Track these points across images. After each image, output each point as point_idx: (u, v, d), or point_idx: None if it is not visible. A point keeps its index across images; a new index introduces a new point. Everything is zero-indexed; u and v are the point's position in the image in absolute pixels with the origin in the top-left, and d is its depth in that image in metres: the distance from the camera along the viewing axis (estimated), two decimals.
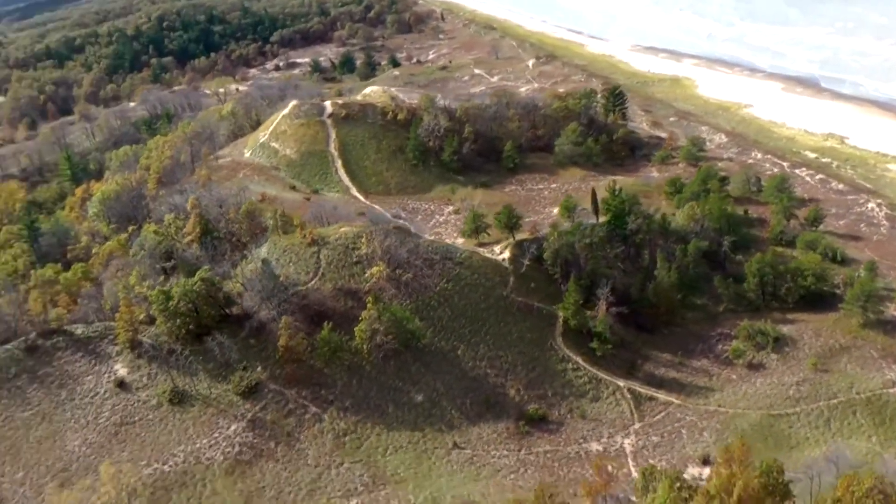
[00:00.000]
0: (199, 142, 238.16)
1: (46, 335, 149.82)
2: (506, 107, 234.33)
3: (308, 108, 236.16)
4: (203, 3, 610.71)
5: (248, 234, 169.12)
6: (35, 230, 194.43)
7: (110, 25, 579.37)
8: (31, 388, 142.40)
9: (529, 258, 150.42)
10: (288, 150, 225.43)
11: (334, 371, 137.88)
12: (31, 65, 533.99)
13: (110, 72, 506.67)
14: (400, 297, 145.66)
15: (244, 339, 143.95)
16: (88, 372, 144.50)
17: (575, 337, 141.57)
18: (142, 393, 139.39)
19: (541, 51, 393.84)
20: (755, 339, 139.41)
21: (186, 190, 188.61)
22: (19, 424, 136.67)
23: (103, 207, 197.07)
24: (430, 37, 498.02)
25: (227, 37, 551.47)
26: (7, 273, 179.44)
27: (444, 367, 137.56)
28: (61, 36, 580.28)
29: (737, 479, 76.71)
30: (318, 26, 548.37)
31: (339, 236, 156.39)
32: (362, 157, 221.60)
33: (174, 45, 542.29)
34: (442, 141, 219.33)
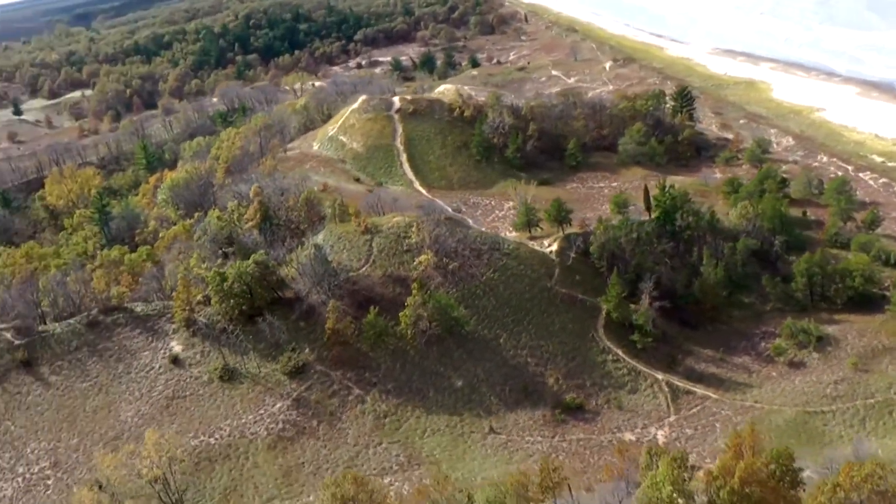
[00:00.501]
0: (270, 134, 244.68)
1: (108, 311, 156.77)
2: (572, 106, 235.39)
3: (377, 103, 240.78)
4: (289, 2, 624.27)
5: (307, 221, 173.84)
6: (106, 214, 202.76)
7: (198, 23, 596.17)
8: (90, 360, 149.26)
9: (576, 251, 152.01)
10: (355, 144, 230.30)
11: (379, 355, 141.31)
12: (120, 60, 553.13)
13: (196, 68, 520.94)
14: (446, 284, 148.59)
15: (294, 322, 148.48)
16: (145, 348, 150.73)
17: (617, 329, 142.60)
18: (194, 369, 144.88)
19: (619, 53, 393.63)
20: (797, 337, 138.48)
21: (252, 179, 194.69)
22: (77, 394, 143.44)
23: (172, 194, 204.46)
24: (512, 38, 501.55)
25: (312, 35, 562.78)
26: (77, 253, 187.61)
27: (485, 354, 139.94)
28: (150, 33, 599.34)
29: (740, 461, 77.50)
30: (401, 26, 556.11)
31: (391, 225, 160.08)
32: (427, 151, 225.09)
33: (259, 42, 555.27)
34: (506, 138, 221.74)
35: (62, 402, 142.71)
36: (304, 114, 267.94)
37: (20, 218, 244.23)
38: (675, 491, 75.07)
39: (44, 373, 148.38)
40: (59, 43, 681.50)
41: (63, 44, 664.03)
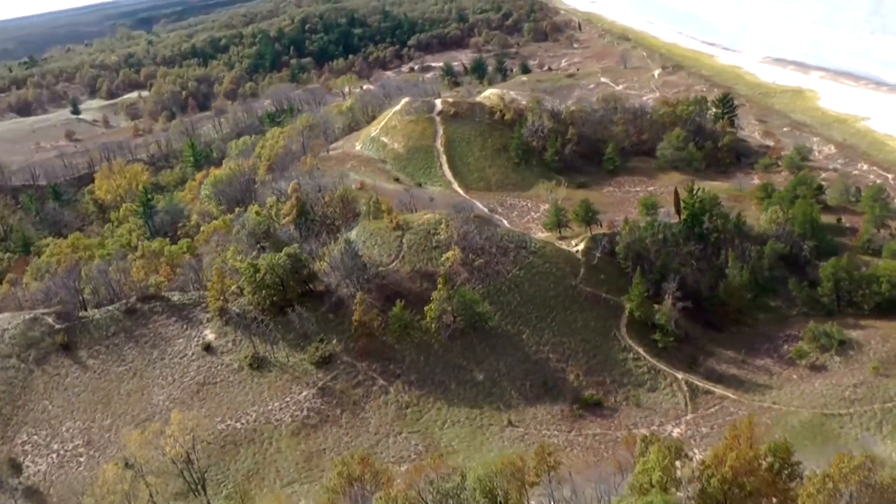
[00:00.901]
0: (314, 134, 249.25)
1: (145, 299, 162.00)
2: (612, 111, 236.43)
3: (419, 105, 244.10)
4: (345, 7, 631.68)
5: (342, 217, 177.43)
6: (150, 208, 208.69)
7: (255, 27, 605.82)
8: (126, 346, 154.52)
9: (602, 251, 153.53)
10: (396, 145, 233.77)
11: (404, 347, 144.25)
12: (178, 62, 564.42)
13: (251, 71, 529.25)
14: (472, 280, 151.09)
15: (324, 314, 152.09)
16: (180, 335, 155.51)
17: (639, 328, 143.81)
18: (226, 357, 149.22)
19: (669, 61, 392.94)
20: (820, 341, 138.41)
21: (291, 176, 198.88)
22: (113, 378, 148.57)
23: (214, 190, 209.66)
24: (565, 45, 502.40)
25: (366, 39, 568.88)
26: (121, 245, 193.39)
27: (508, 349, 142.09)
28: (207, 36, 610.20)
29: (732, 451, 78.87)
30: (455, 32, 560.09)
31: (422, 222, 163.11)
32: (467, 153, 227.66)
33: (314, 46, 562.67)
34: (545, 141, 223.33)
35: (98, 385, 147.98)
36: (349, 115, 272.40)
37: (70, 211, 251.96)
38: (664, 477, 76.58)
39: (82, 356, 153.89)
40: (119, 45, 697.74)
41: (123, 46, 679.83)
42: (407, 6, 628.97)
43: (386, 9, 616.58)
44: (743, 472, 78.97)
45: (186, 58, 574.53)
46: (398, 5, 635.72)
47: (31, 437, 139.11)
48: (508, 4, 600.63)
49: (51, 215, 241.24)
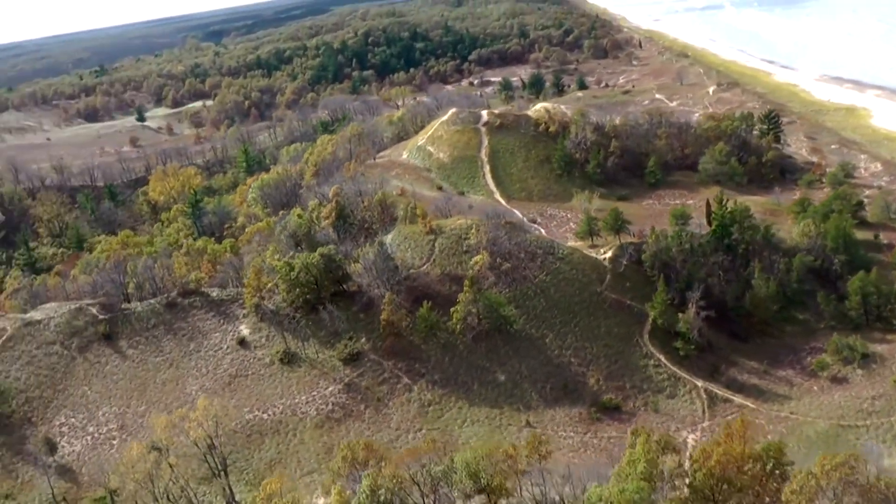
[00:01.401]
0: (362, 142, 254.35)
1: (185, 294, 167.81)
2: (657, 125, 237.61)
3: (465, 115, 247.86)
4: (408, 21, 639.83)
5: (379, 221, 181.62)
6: (199, 209, 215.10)
7: (319, 39, 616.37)
8: (165, 338, 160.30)
9: (628, 259, 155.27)
10: (441, 154, 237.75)
11: (430, 347, 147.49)
12: (242, 73, 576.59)
13: (313, 82, 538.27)
14: (499, 284, 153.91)
15: (354, 313, 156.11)
16: (216, 329, 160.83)
17: (662, 336, 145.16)
18: (258, 351, 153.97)
19: (724, 78, 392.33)
20: (842, 353, 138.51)
21: (335, 181, 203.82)
22: (150, 367, 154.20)
23: (261, 193, 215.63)
24: (624, 63, 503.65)
25: (428, 53, 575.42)
26: (168, 243, 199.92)
27: (531, 352, 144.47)
28: (272, 48, 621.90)
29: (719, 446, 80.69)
30: (515, 47, 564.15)
31: (454, 227, 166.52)
32: (510, 164, 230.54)
33: (377, 59, 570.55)
34: (588, 153, 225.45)
35: (135, 373, 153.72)
36: (399, 125, 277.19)
37: (124, 211, 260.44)
38: (648, 468, 78.61)
39: (122, 346, 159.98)
40: (186, 56, 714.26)
41: (190, 57, 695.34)
42: (469, 21, 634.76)
43: (448, 24, 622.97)
44: (730, 467, 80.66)
45: (251, 69, 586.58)
46: (461, 20, 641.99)
47: (68, 419, 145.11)
48: (570, 21, 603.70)
49: (105, 214, 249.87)
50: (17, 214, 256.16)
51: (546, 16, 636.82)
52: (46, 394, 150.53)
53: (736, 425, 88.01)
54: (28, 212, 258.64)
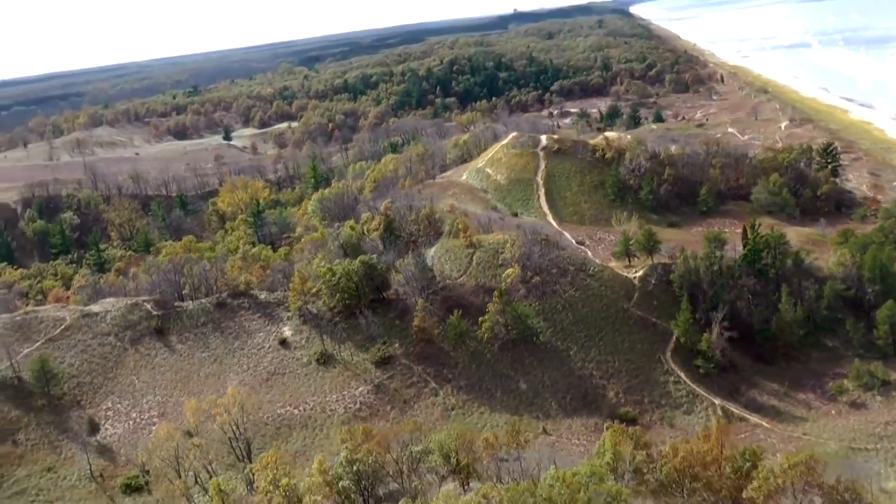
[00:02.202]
0: (424, 163, 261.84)
1: (235, 296, 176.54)
2: (712, 155, 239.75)
3: (525, 139, 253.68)
4: (494, 51, 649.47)
5: (426, 235, 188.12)
6: (261, 219, 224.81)
7: (405, 66, 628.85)
8: (212, 335, 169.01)
9: (657, 279, 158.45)
10: (499, 176, 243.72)
11: (459, 354, 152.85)
12: (329, 96, 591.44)
13: (396, 107, 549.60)
14: (530, 297, 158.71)
15: (390, 319, 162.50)
16: (261, 329, 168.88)
17: (684, 354, 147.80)
18: (298, 352, 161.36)
19: (799, 114, 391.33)
20: (863, 379, 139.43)
21: (390, 197, 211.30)
22: (195, 362, 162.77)
23: (320, 206, 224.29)
24: (704, 97, 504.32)
25: (511, 83, 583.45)
26: (228, 249, 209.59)
27: (554, 363, 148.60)
28: (359, 73, 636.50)
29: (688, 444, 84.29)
30: (597, 80, 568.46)
31: (492, 242, 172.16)
32: (564, 188, 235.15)
33: (460, 87, 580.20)
34: (642, 180, 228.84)
35: (181, 366, 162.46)
36: (464, 148, 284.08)
37: (193, 219, 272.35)
38: (615, 459, 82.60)
39: (172, 340, 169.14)
40: (278, 80, 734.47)
41: (280, 80, 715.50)
42: (554, 53, 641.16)
43: (533, 55, 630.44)
44: (696, 464, 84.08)
45: (338, 92, 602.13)
46: (545, 52, 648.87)
47: (114, 404, 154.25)
48: (653, 56, 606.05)
49: (175, 222, 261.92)
50: (91, 218, 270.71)
51: (631, 50, 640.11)
52: (97, 380, 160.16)
53: (714, 427, 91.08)
54: (102, 216, 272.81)
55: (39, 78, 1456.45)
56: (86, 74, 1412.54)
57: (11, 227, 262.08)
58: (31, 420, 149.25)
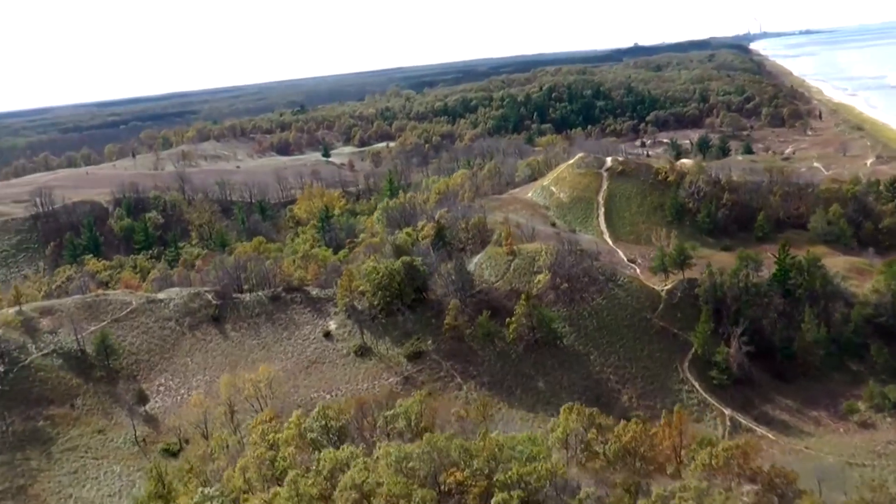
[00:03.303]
0: (493, 179, 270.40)
1: (289, 290, 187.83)
2: (773, 182, 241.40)
3: (591, 160, 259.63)
4: (592, 80, 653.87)
5: (473, 242, 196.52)
6: (329, 224, 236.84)
7: (504, 92, 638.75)
8: (264, 325, 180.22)
9: (682, 292, 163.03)
10: (562, 194, 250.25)
11: (486, 353, 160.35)
12: (429, 118, 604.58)
13: (492, 131, 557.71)
14: (558, 303, 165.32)
15: (427, 318, 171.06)
16: (309, 322, 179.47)
17: (702, 365, 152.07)
18: (339, 344, 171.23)
19: (890, 151, 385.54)
20: (875, 400, 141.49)
21: (447, 207, 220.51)
22: (245, 348, 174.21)
23: (385, 214, 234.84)
24: (797, 132, 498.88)
25: (607, 112, 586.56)
26: (293, 250, 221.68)
27: (574, 366, 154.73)
28: (460, 97, 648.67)
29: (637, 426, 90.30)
30: (693, 111, 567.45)
31: (530, 250, 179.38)
32: (624, 208, 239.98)
33: (556, 114, 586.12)
34: (700, 203, 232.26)
35: (231, 351, 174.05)
36: (535, 167, 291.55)
37: (270, 224, 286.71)
38: (565, 433, 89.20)
39: (227, 328, 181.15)
40: (382, 101, 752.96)
41: (384, 102, 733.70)
42: (654, 84, 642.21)
43: (632, 84, 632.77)
44: (641, 444, 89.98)
45: (437, 115, 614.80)
46: (644, 82, 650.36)
47: (166, 381, 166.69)
48: (753, 88, 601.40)
49: (253, 226, 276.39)
50: (174, 219, 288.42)
51: (733, 83, 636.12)
52: (153, 359, 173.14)
53: (675, 415, 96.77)
54: (184, 217, 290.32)
55: (161, 97, 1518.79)
56: (205, 94, 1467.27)
57: (101, 223, 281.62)
58: (88, 388, 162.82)
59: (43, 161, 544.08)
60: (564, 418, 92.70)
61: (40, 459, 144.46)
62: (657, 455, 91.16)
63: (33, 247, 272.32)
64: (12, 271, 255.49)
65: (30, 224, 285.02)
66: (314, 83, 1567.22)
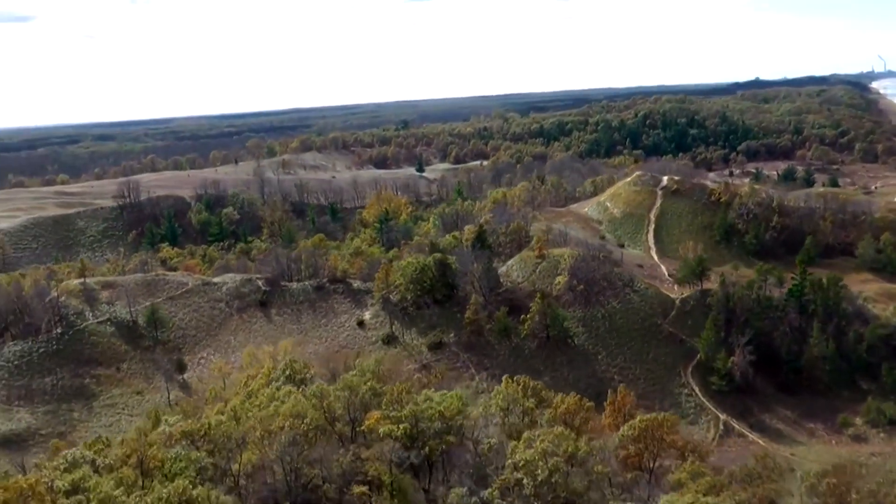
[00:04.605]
0: (553, 192, 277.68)
1: (333, 281, 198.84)
2: (825, 208, 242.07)
3: (647, 178, 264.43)
4: (688, 108, 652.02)
5: (511, 246, 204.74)
6: (387, 226, 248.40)
7: (600, 116, 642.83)
8: (306, 312, 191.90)
9: (695, 301, 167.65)
10: (615, 210, 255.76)
11: (501, 347, 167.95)
12: (524, 139, 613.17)
13: (583, 154, 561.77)
14: (574, 303, 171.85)
15: (453, 312, 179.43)
16: (346, 311, 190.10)
17: (705, 372, 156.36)
18: (370, 332, 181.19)
19: None
20: (870, 415, 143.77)
21: (496, 214, 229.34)
22: (285, 332, 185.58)
23: (440, 219, 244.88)
24: (890, 168, 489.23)
25: (699, 140, 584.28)
26: (348, 249, 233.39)
27: (581, 364, 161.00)
28: (556, 120, 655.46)
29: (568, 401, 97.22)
30: (786, 143, 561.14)
31: (557, 254, 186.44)
32: (674, 226, 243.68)
33: (649, 140, 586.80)
34: (750, 225, 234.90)
35: (272, 334, 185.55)
36: (599, 185, 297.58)
37: (339, 226, 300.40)
38: (504, 402, 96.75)
39: (272, 313, 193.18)
40: (482, 122, 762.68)
41: (483, 122, 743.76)
42: (749, 114, 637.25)
43: (726, 114, 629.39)
44: (577, 417, 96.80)
45: (533, 136, 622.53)
46: (741, 112, 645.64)
47: (208, 355, 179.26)
48: (850, 123, 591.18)
49: (321, 226, 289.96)
50: (249, 215, 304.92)
51: (831, 117, 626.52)
52: (199, 335, 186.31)
53: (620, 394, 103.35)
54: (258, 214, 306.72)
55: (280, 111, 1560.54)
56: (323, 110, 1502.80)
57: (181, 216, 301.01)
58: (135, 355, 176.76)
59: (150, 163, 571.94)
60: (505, 386, 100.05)
61: (82, 412, 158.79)
62: (592, 429, 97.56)
63: (118, 234, 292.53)
64: (96, 254, 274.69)
65: (116, 213, 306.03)
66: (430, 104, 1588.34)
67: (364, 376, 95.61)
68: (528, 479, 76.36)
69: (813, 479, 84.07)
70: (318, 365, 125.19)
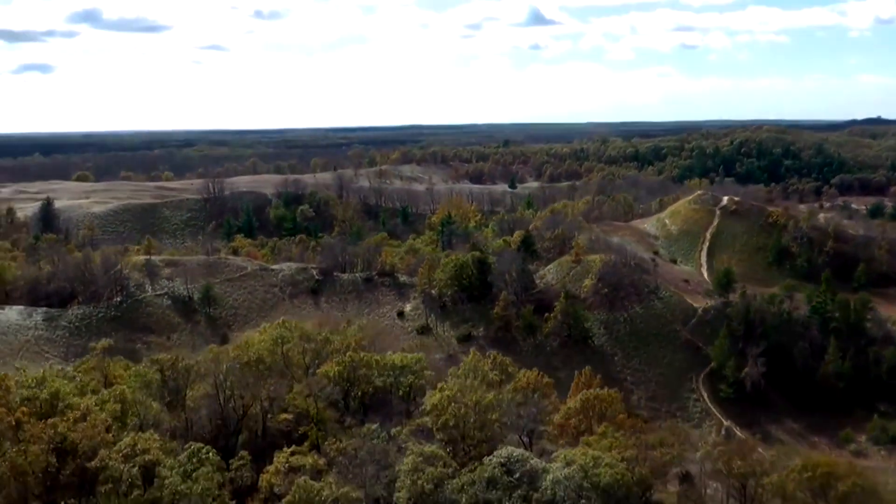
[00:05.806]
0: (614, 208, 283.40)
1: (380, 274, 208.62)
2: (883, 237, 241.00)
3: (707, 197, 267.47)
4: (784, 138, 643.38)
5: (554, 251, 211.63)
6: (449, 229, 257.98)
7: (696, 143, 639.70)
8: (353, 301, 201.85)
9: (715, 311, 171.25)
10: (673, 227, 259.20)
11: (526, 343, 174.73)
12: (619, 162, 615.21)
13: (675, 180, 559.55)
14: (599, 306, 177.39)
15: (487, 309, 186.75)
16: (390, 302, 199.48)
17: (716, 379, 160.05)
18: (408, 323, 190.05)
19: None
20: (873, 432, 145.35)
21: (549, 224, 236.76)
22: (331, 318, 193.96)
23: (497, 226, 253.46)
24: None
25: (793, 171, 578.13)
26: (405, 251, 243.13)
27: (597, 364, 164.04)
28: (652, 145, 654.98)
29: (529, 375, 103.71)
30: (881, 178, 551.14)
31: (590, 259, 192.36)
32: (727, 245, 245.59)
33: (741, 168, 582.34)
34: (802, 248, 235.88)
35: (318, 320, 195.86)
36: (666, 203, 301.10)
37: (408, 228, 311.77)
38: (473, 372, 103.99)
39: (321, 300, 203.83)
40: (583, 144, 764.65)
41: (581, 145, 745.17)
42: (847, 148, 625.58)
43: (823, 146, 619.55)
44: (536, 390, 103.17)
45: (628, 160, 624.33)
46: (838, 145, 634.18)
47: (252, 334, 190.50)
48: None
49: (392, 228, 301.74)
50: (325, 213, 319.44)
51: None
52: (250, 315, 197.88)
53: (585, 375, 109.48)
54: (332, 212, 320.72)
55: (394, 127, 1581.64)
56: (437, 128, 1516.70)
57: (260, 211, 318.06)
58: (186, 327, 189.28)
59: (252, 166, 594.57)
60: (472, 356, 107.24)
61: None
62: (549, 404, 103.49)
63: (199, 224, 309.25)
64: (178, 241, 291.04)
65: (200, 205, 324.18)
66: (545, 128, 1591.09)
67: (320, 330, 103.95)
68: (432, 421, 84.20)
69: (709, 448, 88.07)
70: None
